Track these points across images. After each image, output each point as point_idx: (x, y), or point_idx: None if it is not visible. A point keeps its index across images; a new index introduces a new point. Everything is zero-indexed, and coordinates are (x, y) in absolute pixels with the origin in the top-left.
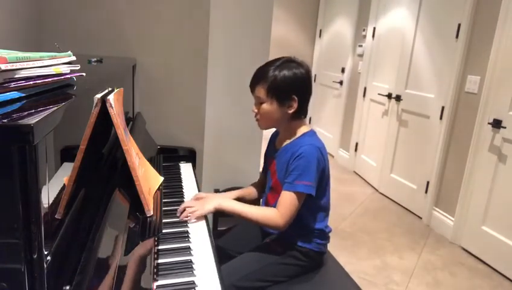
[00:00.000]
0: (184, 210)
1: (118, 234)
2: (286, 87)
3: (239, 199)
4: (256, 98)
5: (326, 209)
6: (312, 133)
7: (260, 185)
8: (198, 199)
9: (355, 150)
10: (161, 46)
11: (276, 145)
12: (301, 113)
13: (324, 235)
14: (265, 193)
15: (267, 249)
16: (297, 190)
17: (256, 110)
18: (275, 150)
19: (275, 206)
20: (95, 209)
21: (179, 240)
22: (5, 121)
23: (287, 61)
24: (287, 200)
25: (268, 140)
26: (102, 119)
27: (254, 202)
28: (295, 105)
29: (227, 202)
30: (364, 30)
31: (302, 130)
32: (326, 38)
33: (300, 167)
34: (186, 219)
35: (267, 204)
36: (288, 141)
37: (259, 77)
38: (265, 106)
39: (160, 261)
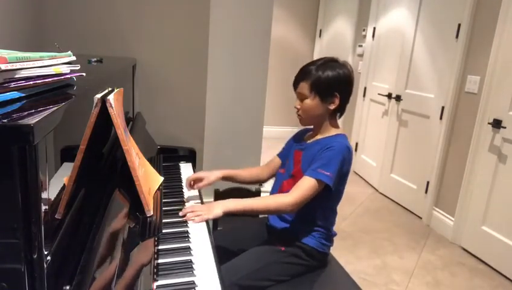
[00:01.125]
0: (190, 212)
1: (118, 234)
2: (330, 84)
3: (229, 178)
4: (299, 94)
5: (335, 213)
6: (345, 136)
7: (270, 168)
8: (198, 178)
9: (355, 150)
10: (161, 46)
11: (306, 138)
12: (341, 111)
13: (329, 236)
14: (277, 179)
15: (270, 247)
16: (318, 177)
17: (298, 106)
18: (302, 141)
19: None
20: (95, 209)
21: (179, 240)
22: (5, 121)
23: (330, 61)
24: (305, 184)
25: (270, 140)
26: (102, 119)
27: (248, 182)
28: (337, 102)
29: (235, 202)
30: (364, 30)
31: (337, 131)
32: (326, 38)
33: (327, 157)
34: (190, 219)
35: (281, 190)
36: (320, 136)
37: (303, 74)
38: (308, 101)
39: (160, 261)
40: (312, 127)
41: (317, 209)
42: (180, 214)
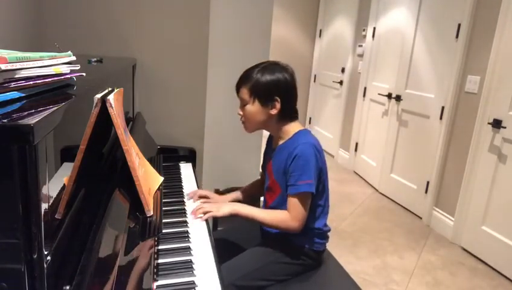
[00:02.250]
0: (198, 209)
1: (118, 234)
2: (268, 88)
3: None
4: (241, 100)
5: (324, 208)
6: (305, 132)
7: (261, 184)
8: (201, 196)
9: (355, 150)
10: (161, 46)
11: (273, 145)
12: (286, 114)
13: (323, 234)
14: (264, 192)
15: (267, 248)
16: (302, 190)
17: (241, 113)
18: (271, 150)
19: (273, 205)
20: (95, 209)
21: (179, 240)
22: (5, 121)
23: (270, 64)
24: (295, 203)
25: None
26: (102, 119)
27: (254, 198)
28: (278, 106)
29: (242, 207)
30: (364, 30)
31: (295, 129)
32: (326, 38)
33: (299, 167)
34: (198, 217)
35: (266, 204)
36: (282, 141)
37: (243, 79)
38: (248, 107)
39: (160, 261)
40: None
41: (308, 213)
42: (190, 213)
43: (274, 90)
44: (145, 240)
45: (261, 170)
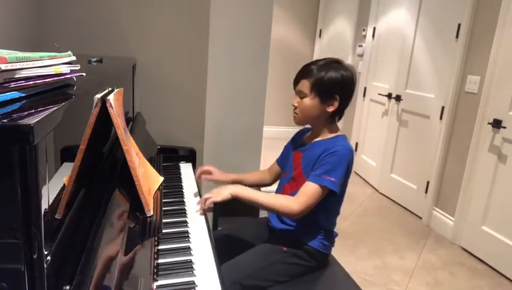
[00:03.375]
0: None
1: (118, 234)
2: (331, 86)
3: (238, 182)
4: (299, 92)
5: (337, 213)
6: (346, 138)
7: (271, 174)
8: (203, 172)
9: (355, 150)
10: (161, 46)
11: (305, 139)
12: (339, 114)
13: (331, 237)
14: (280, 183)
15: (273, 247)
16: (323, 183)
17: (296, 104)
18: (302, 144)
19: (293, 195)
20: (95, 209)
21: (179, 240)
22: (5, 121)
23: (334, 62)
24: (310, 191)
25: (270, 140)
26: (102, 119)
27: (255, 187)
28: (336, 105)
29: (243, 189)
30: (364, 30)
31: (336, 131)
32: (326, 38)
33: (332, 163)
34: (202, 209)
35: (283, 193)
36: (320, 138)
37: (305, 72)
38: (306, 101)
39: (160, 261)
40: (310, 127)
41: (320, 212)
42: (196, 211)
43: (336, 88)
44: (145, 240)
45: (276, 163)
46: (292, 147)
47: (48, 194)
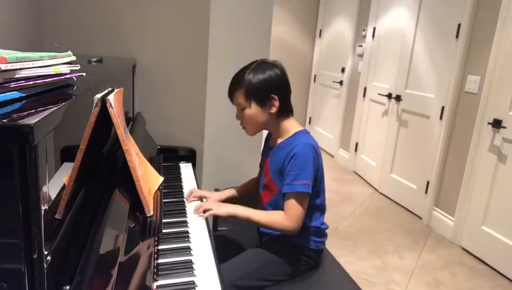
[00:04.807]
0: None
1: (118, 234)
2: (263, 88)
3: (234, 198)
4: (237, 105)
5: (321, 208)
6: (305, 132)
7: (256, 181)
8: (195, 196)
9: (355, 150)
10: (161, 46)
11: (271, 143)
12: (286, 110)
13: (320, 232)
14: (259, 190)
15: (265, 249)
16: (297, 190)
17: (240, 118)
18: (269, 148)
19: (270, 203)
20: (95, 209)
21: (179, 240)
22: (5, 121)
23: (259, 64)
24: (292, 203)
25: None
26: (102, 119)
27: (251, 197)
28: (277, 104)
29: (240, 209)
30: (364, 30)
31: (295, 128)
32: (326, 38)
33: (297, 166)
34: (200, 214)
35: (261, 202)
36: (281, 140)
37: (235, 84)
38: (247, 111)
39: (160, 261)
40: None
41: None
42: (193, 211)
43: (269, 88)
44: (145, 240)
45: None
46: (263, 152)
47: (48, 194)
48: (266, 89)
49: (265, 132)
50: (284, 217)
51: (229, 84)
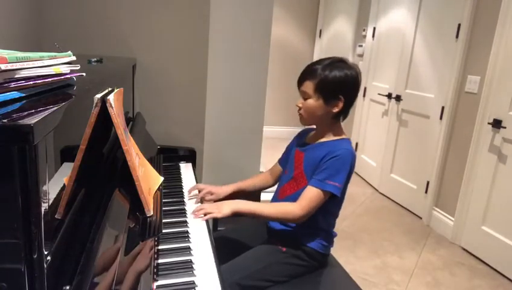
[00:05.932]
0: (199, 210)
1: (118, 234)
2: (335, 86)
3: (239, 191)
4: (303, 92)
5: (337, 215)
6: (349, 141)
7: (274, 175)
8: (199, 189)
9: (355, 150)
10: (161, 46)
11: (307, 140)
12: (344, 114)
13: (330, 237)
14: (280, 181)
15: (271, 248)
16: (326, 189)
17: (300, 105)
18: (304, 143)
19: (292, 196)
20: (95, 209)
21: (179, 240)
22: (5, 121)
23: (338, 61)
24: (312, 195)
25: (270, 140)
26: (102, 119)
27: (257, 191)
28: (341, 105)
29: (244, 204)
30: (364, 30)
31: (342, 134)
32: (326, 38)
33: (335, 167)
34: (199, 217)
35: (283, 194)
36: (325, 139)
37: (309, 73)
38: (310, 102)
39: (160, 261)
40: (313, 127)
41: (320, 214)
42: (191, 213)
43: (340, 88)
44: (145, 240)
45: (278, 163)
46: (294, 145)
47: (48, 194)
48: (338, 88)
49: (266, 134)
50: (295, 206)
51: (302, 70)
